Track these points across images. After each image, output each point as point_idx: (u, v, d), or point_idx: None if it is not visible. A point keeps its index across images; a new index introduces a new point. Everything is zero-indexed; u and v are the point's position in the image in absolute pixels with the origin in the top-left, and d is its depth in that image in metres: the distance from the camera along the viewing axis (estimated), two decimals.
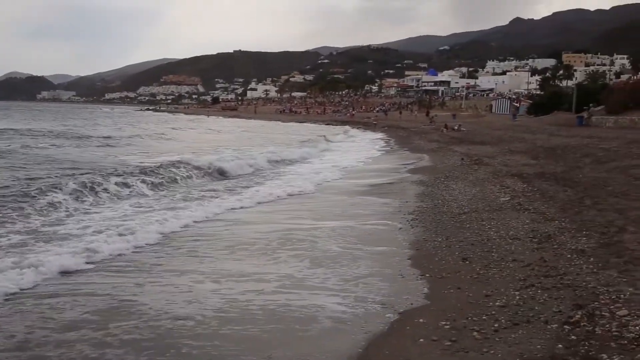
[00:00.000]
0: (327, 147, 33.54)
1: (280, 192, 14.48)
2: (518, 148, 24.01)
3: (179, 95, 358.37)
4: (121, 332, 5.37)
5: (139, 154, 25.22)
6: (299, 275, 7.20)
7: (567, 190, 12.49)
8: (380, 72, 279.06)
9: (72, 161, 20.56)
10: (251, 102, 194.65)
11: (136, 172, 16.31)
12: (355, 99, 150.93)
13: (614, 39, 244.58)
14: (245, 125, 72.71)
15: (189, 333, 5.38)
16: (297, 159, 24.53)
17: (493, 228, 9.18)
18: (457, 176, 16.45)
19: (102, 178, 14.44)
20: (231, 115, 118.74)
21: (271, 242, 8.98)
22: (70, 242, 8.58)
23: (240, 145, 32.42)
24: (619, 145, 20.99)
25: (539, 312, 5.33)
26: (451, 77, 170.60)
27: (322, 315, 5.78)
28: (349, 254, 8.25)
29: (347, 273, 7.24)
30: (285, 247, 8.67)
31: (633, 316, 4.90)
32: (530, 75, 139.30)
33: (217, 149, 28.70)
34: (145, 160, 21.15)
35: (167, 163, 18.50)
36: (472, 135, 35.54)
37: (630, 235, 7.90)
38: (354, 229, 9.98)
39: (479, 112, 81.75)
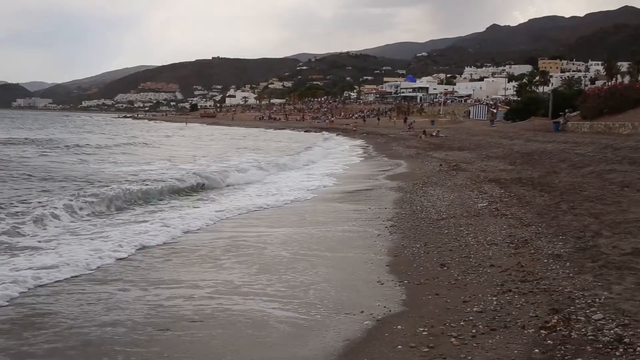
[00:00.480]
0: (306, 154, 33.50)
1: (249, 203, 14.04)
2: (496, 154, 24.22)
3: (157, 103, 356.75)
4: (42, 341, 5.30)
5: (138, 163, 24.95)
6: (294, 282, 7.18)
7: (543, 195, 12.62)
8: (359, 79, 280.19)
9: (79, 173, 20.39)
10: (230, 109, 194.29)
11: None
12: (334, 106, 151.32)
13: (588, 46, 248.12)
14: (225, 132, 72.45)
15: (123, 339, 5.35)
16: (276, 168, 24.47)
17: (471, 234, 9.23)
18: (435, 182, 16.54)
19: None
20: (210, 123, 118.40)
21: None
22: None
23: (221, 154, 32.35)
24: (594, 150, 21.24)
25: (516, 317, 5.37)
26: (429, 84, 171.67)
27: (291, 321, 5.77)
28: (327, 260, 8.25)
29: (327, 279, 7.24)
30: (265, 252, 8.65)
31: (608, 320, 4.95)
32: (507, 82, 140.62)
33: (196, 159, 28.62)
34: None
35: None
36: (451, 141, 35.80)
37: (605, 240, 7.99)
38: (332, 236, 9.98)
39: (457, 118, 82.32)
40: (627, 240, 7.88)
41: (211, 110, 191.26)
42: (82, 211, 11.92)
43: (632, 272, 6.34)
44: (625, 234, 8.23)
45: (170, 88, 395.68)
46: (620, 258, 6.97)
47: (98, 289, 6.88)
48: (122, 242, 9.03)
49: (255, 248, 9.12)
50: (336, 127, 75.64)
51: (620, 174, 14.55)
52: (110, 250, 8.55)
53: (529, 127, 44.55)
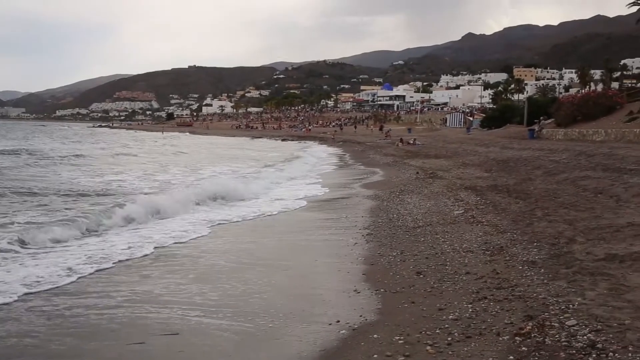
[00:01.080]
0: (282, 163, 33.46)
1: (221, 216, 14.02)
2: (472, 161, 24.38)
3: (133, 112, 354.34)
4: None
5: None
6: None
7: (519, 202, 12.72)
8: (336, 87, 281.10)
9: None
10: (207, 118, 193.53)
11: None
12: (312, 114, 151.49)
13: (562, 54, 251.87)
14: (203, 142, 72.11)
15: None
16: (249, 177, 24.40)
17: (447, 241, 9.27)
18: (412, 190, 16.59)
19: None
20: (187, 131, 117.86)
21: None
22: None
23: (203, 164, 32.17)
24: (568, 157, 21.47)
25: (491, 324, 5.38)
26: (406, 92, 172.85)
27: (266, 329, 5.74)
28: (303, 270, 8.24)
29: (303, 289, 7.22)
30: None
31: (581, 326, 4.99)
32: (483, 89, 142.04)
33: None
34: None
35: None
36: (427, 149, 35.98)
37: (579, 246, 8.07)
38: (308, 245, 9.98)
39: (433, 125, 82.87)
40: (601, 246, 7.97)
41: (188, 119, 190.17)
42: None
43: (605, 277, 6.40)
44: (599, 240, 8.32)
45: (146, 97, 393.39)
46: (594, 264, 7.04)
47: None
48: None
49: (231, 261, 9.06)
50: (314, 136, 75.72)
51: (594, 181, 14.73)
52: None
53: (505, 134, 44.93)
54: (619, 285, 6.08)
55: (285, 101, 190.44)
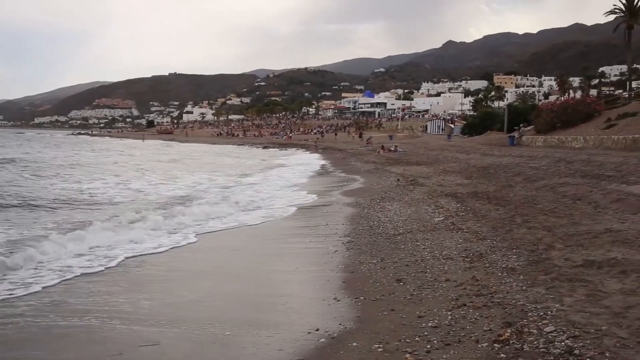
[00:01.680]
0: (262, 171, 33.42)
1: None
2: (452, 168, 24.51)
3: (113, 119, 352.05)
4: None
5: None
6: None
7: (499, 209, 12.79)
8: (318, 94, 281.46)
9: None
10: (187, 125, 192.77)
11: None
12: (293, 121, 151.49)
13: (541, 62, 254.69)
14: (183, 150, 71.81)
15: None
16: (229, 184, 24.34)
17: (427, 248, 9.28)
18: (392, 197, 16.63)
19: None
20: (167, 139, 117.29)
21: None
22: None
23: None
24: (547, 164, 21.69)
25: (470, 331, 5.39)
26: (387, 99, 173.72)
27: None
28: (283, 277, 8.21)
29: (284, 297, 7.19)
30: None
31: (559, 332, 5.01)
32: (463, 97, 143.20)
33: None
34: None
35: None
36: (408, 156, 36.10)
37: (558, 252, 8.13)
38: (289, 253, 9.95)
39: (415, 133, 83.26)
40: (579, 252, 8.03)
41: (168, 127, 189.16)
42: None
43: (582, 284, 6.44)
44: (577, 246, 8.39)
45: (126, 104, 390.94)
46: (572, 270, 7.09)
47: None
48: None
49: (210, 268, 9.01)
50: (295, 143, 75.71)
51: (573, 187, 14.87)
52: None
53: (485, 141, 45.28)
54: (597, 292, 6.13)
55: (266, 108, 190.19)
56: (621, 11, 54.22)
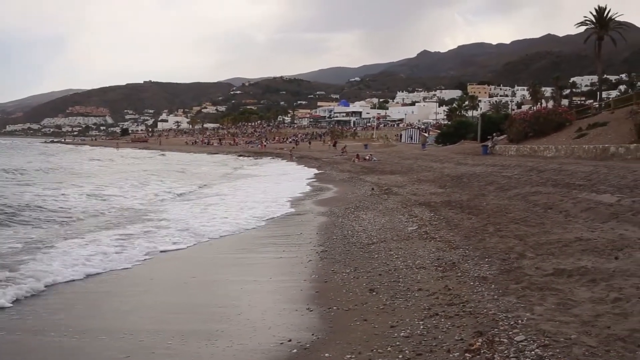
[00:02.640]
0: (234, 177, 33.29)
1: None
2: (426, 177, 24.63)
3: (86, 127, 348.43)
4: None
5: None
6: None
7: (471, 218, 12.88)
8: (293, 103, 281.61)
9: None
10: (162, 133, 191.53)
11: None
12: (269, 130, 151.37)
13: (514, 71, 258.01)
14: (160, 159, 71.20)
15: None
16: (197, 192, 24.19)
17: (400, 257, 9.31)
18: (367, 206, 16.66)
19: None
20: (141, 147, 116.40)
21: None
22: None
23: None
24: (520, 173, 21.88)
25: (442, 341, 5.40)
26: (363, 108, 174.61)
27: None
28: (257, 287, 8.16)
29: (255, 307, 7.15)
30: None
31: (529, 341, 5.04)
32: (438, 106, 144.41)
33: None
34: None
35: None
36: (383, 165, 36.22)
37: (529, 261, 8.20)
38: (262, 263, 9.90)
39: (389, 141, 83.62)
40: (549, 261, 8.11)
41: (143, 135, 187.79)
42: None
43: (553, 292, 6.51)
44: (548, 255, 8.47)
45: (100, 112, 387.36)
46: (543, 279, 7.16)
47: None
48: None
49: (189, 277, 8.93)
50: (270, 152, 75.57)
51: (544, 196, 15.03)
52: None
53: (459, 150, 45.61)
54: (567, 300, 6.19)
55: (242, 117, 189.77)
56: (592, 23, 55.13)
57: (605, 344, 4.84)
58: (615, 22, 55.36)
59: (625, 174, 17.53)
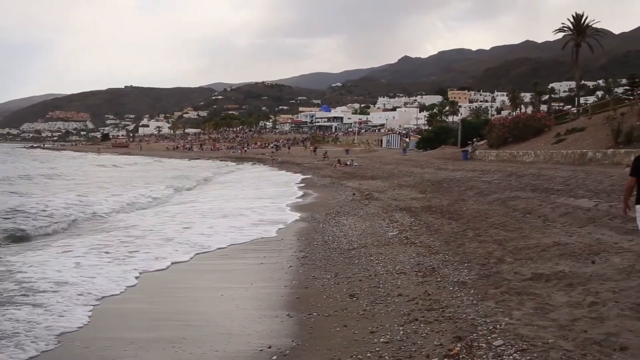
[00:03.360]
0: (213, 182, 33.17)
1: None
2: (407, 182, 24.73)
3: (67, 132, 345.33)
4: None
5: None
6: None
7: (451, 223, 12.97)
8: (275, 108, 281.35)
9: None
10: (143, 138, 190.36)
11: None
12: (250, 135, 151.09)
13: (494, 77, 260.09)
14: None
15: None
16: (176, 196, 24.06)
17: (381, 263, 9.34)
18: (348, 212, 16.70)
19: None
20: (123, 152, 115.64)
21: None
22: None
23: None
24: (499, 178, 22.07)
25: (421, 346, 5.43)
26: (344, 113, 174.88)
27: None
28: (236, 293, 8.13)
29: (236, 313, 7.14)
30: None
31: (508, 346, 5.09)
32: (419, 111, 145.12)
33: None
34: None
35: None
36: (364, 170, 36.29)
37: (508, 266, 8.28)
38: (243, 269, 9.88)
39: (371, 147, 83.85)
40: (528, 265, 8.20)
41: (123, 140, 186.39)
42: None
43: (531, 297, 6.57)
44: (526, 260, 8.56)
45: (81, 117, 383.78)
46: (521, 284, 7.23)
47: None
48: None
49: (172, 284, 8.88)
50: (251, 157, 75.34)
51: (523, 201, 15.19)
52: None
53: (440, 155, 45.83)
54: (544, 305, 6.26)
55: (223, 122, 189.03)
56: (569, 29, 55.81)
57: (582, 347, 4.91)
58: (592, 29, 56.09)
59: (602, 179, 17.76)
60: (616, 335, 5.12)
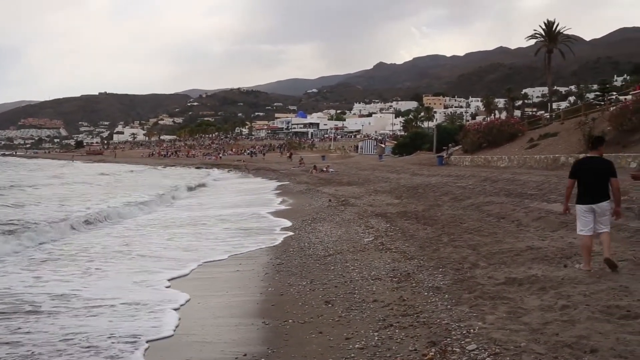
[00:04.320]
0: (190, 189, 33.01)
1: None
2: (383, 188, 24.81)
3: (40, 139, 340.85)
4: None
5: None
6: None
7: (426, 229, 13.06)
8: (251, 115, 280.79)
9: None
10: (118, 145, 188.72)
11: None
12: (226, 142, 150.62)
13: (468, 83, 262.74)
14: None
15: None
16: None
17: (356, 269, 9.37)
18: (324, 218, 16.73)
19: None
20: (97, 160, 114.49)
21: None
22: None
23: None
24: (474, 183, 22.27)
25: (396, 351, 5.45)
26: (320, 119, 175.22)
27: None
28: (210, 301, 8.10)
29: (211, 321, 7.10)
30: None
31: (481, 350, 5.14)
32: (394, 117, 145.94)
33: None
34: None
35: None
36: (340, 176, 36.31)
37: (481, 270, 8.36)
38: (218, 277, 9.83)
39: (347, 153, 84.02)
40: (501, 270, 8.29)
41: (98, 147, 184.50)
42: None
43: (504, 301, 6.64)
44: (500, 264, 8.66)
45: (54, 124, 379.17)
46: (495, 288, 7.31)
47: None
48: None
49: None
50: (227, 164, 74.97)
51: (497, 206, 15.35)
52: None
53: (415, 161, 46.08)
54: (517, 309, 6.33)
55: (199, 129, 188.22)
56: (541, 36, 56.40)
57: (553, 350, 4.97)
58: (564, 36, 56.76)
59: None
60: (587, 337, 5.19)
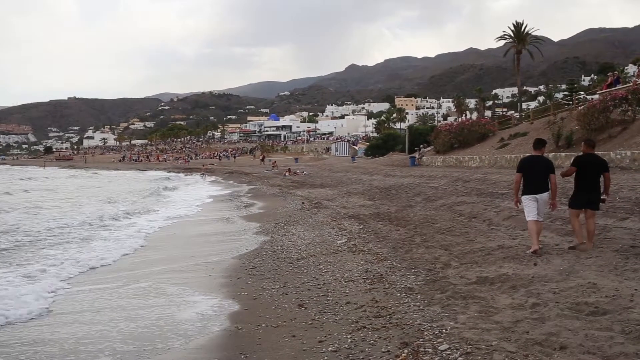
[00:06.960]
0: (160, 196, 32.74)
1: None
2: (356, 189, 24.89)
3: (7, 145, 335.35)
4: None
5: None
6: None
7: (399, 230, 13.12)
8: (223, 118, 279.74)
9: None
10: (88, 151, 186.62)
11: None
12: (198, 145, 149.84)
13: (439, 84, 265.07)
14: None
15: None
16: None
17: (329, 272, 9.36)
18: (297, 221, 16.71)
19: None
20: (67, 166, 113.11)
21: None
22: None
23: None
24: (446, 184, 22.43)
25: (369, 353, 5.45)
26: (293, 122, 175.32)
27: None
28: (183, 306, 8.01)
29: (181, 326, 7.02)
30: None
31: (453, 349, 5.17)
32: (366, 119, 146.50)
33: None
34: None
35: None
36: (313, 179, 36.39)
37: (453, 270, 8.42)
38: (189, 282, 9.72)
39: (320, 155, 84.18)
40: (473, 269, 8.35)
41: (67, 153, 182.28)
42: None
43: (476, 300, 6.70)
44: (472, 264, 8.72)
45: (22, 130, 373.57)
46: (466, 287, 7.36)
47: None
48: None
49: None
50: (197, 167, 74.55)
51: (469, 206, 15.48)
52: None
53: (388, 162, 46.33)
54: (489, 307, 6.38)
55: (170, 133, 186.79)
56: (510, 37, 57.15)
57: (524, 348, 5.02)
58: (532, 37, 57.61)
59: None
60: (556, 334, 5.26)
